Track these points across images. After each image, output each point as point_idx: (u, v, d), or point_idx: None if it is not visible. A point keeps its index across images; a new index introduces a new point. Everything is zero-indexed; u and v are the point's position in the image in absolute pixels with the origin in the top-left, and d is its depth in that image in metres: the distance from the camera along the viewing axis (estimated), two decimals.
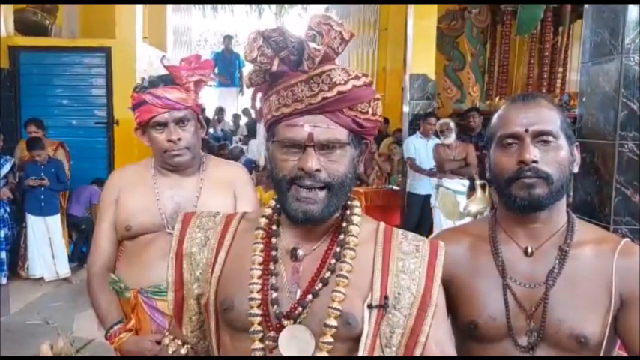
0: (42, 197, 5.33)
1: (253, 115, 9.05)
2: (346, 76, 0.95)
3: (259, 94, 1.04)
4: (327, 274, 0.97)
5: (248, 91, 1.07)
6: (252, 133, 8.15)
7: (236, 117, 10.76)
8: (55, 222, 5.45)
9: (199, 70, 1.76)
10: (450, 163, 5.57)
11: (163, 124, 1.73)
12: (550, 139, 1.12)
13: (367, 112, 0.98)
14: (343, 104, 0.95)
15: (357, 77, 0.96)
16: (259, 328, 0.96)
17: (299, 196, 0.95)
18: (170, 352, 1.13)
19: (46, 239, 5.36)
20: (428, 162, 5.92)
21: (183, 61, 1.79)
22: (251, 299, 0.97)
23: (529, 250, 1.17)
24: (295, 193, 0.95)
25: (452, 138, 5.57)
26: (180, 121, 1.73)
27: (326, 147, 0.95)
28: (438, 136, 6.05)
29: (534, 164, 1.11)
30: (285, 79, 0.97)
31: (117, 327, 1.73)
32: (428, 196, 5.96)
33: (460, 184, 5.54)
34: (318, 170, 0.94)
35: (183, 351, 1.11)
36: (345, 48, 0.98)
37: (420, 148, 6.08)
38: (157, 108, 1.71)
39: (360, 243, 1.00)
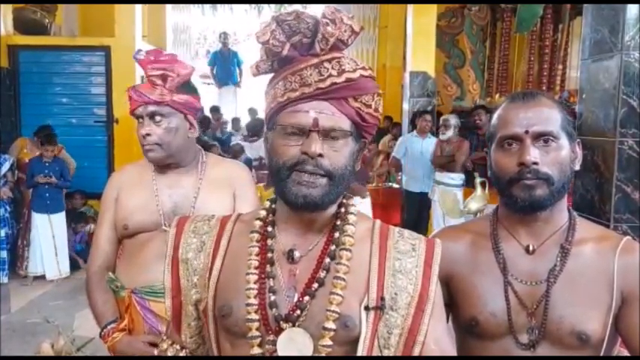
0: (47, 195, 5.35)
1: (259, 115, 8.88)
2: (355, 65, 0.97)
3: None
4: (323, 274, 0.97)
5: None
6: (256, 133, 7.94)
7: (235, 121, 10.38)
8: (60, 220, 5.46)
9: (158, 64, 1.74)
10: (439, 158, 5.62)
11: (140, 117, 1.75)
12: (551, 139, 1.12)
13: (370, 106, 0.98)
14: (349, 92, 0.96)
15: (364, 68, 0.98)
16: (257, 333, 0.96)
17: (300, 179, 0.94)
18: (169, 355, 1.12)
19: (49, 237, 5.36)
20: (422, 161, 5.89)
21: (149, 55, 1.79)
22: (248, 305, 0.96)
23: (530, 247, 1.17)
24: (297, 177, 0.94)
25: (448, 134, 5.58)
26: (152, 116, 1.74)
27: (329, 135, 0.95)
28: (434, 134, 6.06)
29: (535, 166, 1.10)
30: (293, 65, 0.97)
31: (110, 326, 1.73)
32: (422, 194, 5.96)
33: (449, 178, 5.58)
34: (320, 155, 0.93)
35: (182, 354, 1.10)
36: (353, 41, 1.00)
37: (414, 147, 6.04)
38: (135, 102, 1.74)
39: (355, 242, 0.99)
